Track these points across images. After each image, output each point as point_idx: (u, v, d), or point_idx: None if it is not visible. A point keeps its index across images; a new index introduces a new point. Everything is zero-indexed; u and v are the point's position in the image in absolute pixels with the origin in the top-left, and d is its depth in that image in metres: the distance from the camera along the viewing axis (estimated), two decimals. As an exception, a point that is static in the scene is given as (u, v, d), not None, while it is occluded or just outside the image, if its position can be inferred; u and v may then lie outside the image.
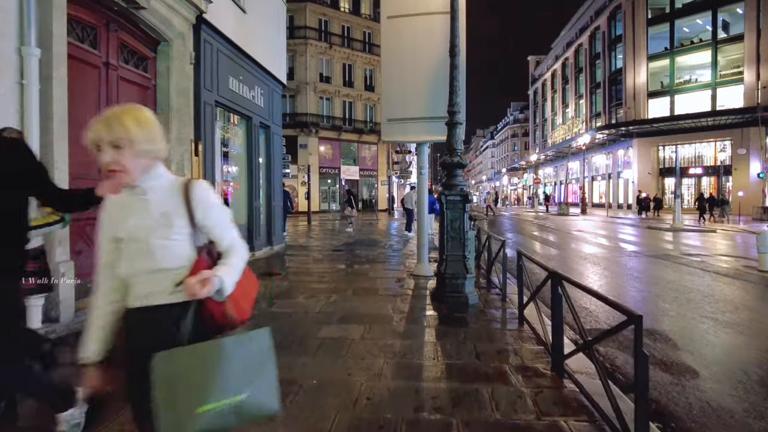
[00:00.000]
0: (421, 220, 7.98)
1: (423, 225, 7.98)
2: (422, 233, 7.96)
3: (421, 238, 7.95)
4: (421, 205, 7.98)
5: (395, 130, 7.77)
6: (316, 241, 13.99)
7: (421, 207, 7.97)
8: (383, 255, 10.56)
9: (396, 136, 7.88)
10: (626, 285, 7.73)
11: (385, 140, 7.93)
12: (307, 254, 10.50)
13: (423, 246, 7.93)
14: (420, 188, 8.01)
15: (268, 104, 10.73)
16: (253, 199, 9.80)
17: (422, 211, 7.97)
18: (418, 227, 8.06)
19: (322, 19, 38.84)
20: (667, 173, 39.44)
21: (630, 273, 8.85)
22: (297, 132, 36.86)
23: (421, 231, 7.98)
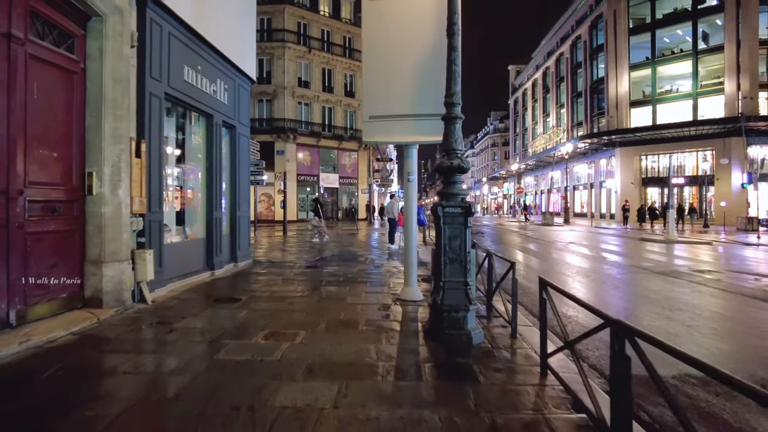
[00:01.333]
0: (408, 236, 6.78)
1: (411, 242, 6.78)
2: (410, 250, 6.76)
3: (409, 256, 6.75)
4: (408, 218, 6.79)
5: (377, 130, 6.60)
6: (289, 254, 12.66)
7: (409, 220, 6.78)
8: (364, 272, 9.33)
9: (378, 136, 6.70)
10: (680, 319, 6.66)
11: (367, 141, 6.74)
12: (277, 272, 9.19)
13: (411, 265, 6.74)
14: (408, 197, 6.82)
15: (233, 101, 9.45)
16: (213, 208, 8.47)
17: (410, 226, 6.78)
18: (406, 244, 6.86)
19: (300, 23, 37.67)
20: (650, 183, 39.26)
21: (658, 299, 7.80)
22: (274, 138, 35.47)
23: (408, 248, 6.78)
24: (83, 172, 5.51)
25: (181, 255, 7.62)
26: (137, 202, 5.99)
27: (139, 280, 6.04)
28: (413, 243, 6.81)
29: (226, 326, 5.13)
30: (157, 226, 6.55)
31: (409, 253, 6.75)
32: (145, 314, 5.61)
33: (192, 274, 7.85)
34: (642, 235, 22.15)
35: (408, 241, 6.78)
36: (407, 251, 6.78)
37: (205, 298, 6.62)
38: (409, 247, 6.77)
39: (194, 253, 8.07)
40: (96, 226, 5.56)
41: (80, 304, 5.48)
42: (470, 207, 4.76)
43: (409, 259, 6.74)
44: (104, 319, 5.25)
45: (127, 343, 4.52)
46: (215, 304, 6.28)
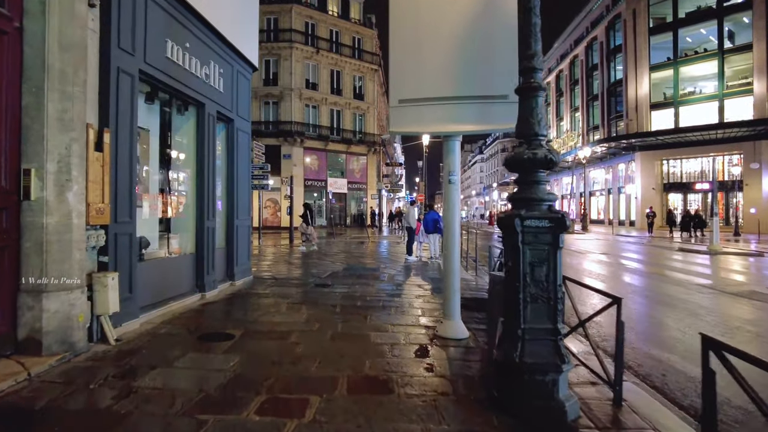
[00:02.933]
0: (450, 254, 5.25)
1: (452, 262, 5.25)
2: (451, 272, 5.23)
3: (451, 280, 5.23)
4: (449, 230, 5.27)
5: (408, 118, 5.14)
6: (295, 268, 11.16)
7: (450, 234, 5.26)
8: (384, 293, 7.81)
9: (409, 125, 5.22)
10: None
11: (395, 131, 5.24)
12: (281, 293, 7.69)
13: (453, 293, 5.21)
14: (448, 203, 5.30)
15: (231, 90, 8.00)
16: (204, 217, 6.99)
17: (452, 240, 5.25)
18: (447, 264, 5.32)
19: (308, 23, 36.40)
20: (672, 188, 37.51)
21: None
22: (280, 141, 34.11)
23: (449, 269, 5.25)
24: (18, 169, 4.05)
25: (163, 275, 6.13)
26: (95, 211, 4.51)
27: (99, 313, 4.56)
28: (455, 263, 5.27)
29: (209, 385, 3.62)
30: (126, 241, 5.07)
31: (451, 275, 5.23)
32: (102, 362, 4.12)
33: (177, 298, 6.37)
34: (675, 244, 20.47)
35: (449, 261, 5.26)
36: (448, 273, 5.26)
37: (188, 334, 5.13)
38: (450, 269, 5.24)
39: (180, 272, 6.58)
40: (35, 242, 4.09)
41: (10, 350, 3.99)
42: (563, 218, 3.23)
43: (450, 284, 5.22)
44: (38, 374, 3.76)
45: (55, 421, 3.02)
46: (199, 343, 4.79)
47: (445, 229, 5.29)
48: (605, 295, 3.71)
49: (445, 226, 5.29)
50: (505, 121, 5.01)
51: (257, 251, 15.74)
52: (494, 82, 4.98)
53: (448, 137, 5.27)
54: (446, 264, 5.29)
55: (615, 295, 3.57)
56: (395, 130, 5.23)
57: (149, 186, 6.52)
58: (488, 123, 5.07)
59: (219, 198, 7.87)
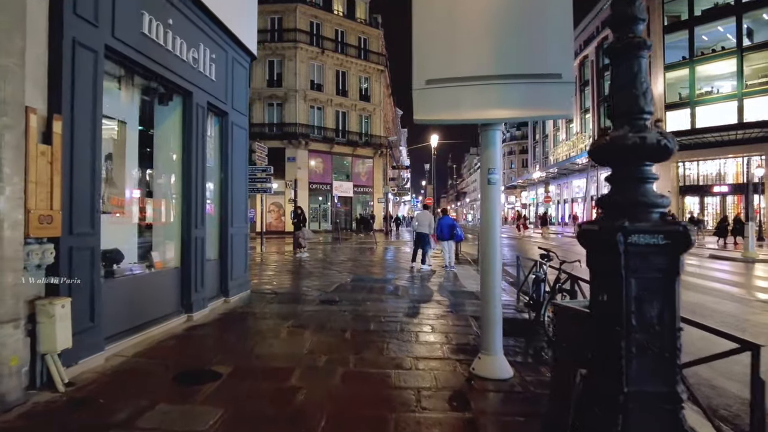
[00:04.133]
0: (490, 271, 4.19)
1: (493, 287, 4.19)
2: (492, 298, 4.17)
3: (491, 307, 4.17)
4: (489, 241, 4.22)
5: (439, 102, 4.13)
6: (298, 279, 10.14)
7: (490, 246, 4.21)
8: (402, 313, 6.76)
9: (438, 112, 4.19)
10: None
11: (422, 120, 4.21)
12: (281, 312, 6.66)
13: (494, 324, 4.15)
14: (487, 205, 4.26)
15: (225, 79, 7.01)
16: (192, 224, 5.98)
17: (491, 255, 4.20)
18: (487, 286, 4.26)
19: (313, 22, 35.54)
20: (688, 191, 36.26)
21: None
22: (284, 144, 33.20)
23: (489, 295, 4.19)
24: (-72, 165, 3.06)
25: (140, 295, 5.12)
26: (38, 219, 3.50)
27: (45, 351, 3.55)
28: (495, 287, 4.20)
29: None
30: (86, 257, 4.06)
31: (491, 302, 4.17)
32: (36, 423, 3.10)
33: (158, 321, 5.36)
34: (703, 251, 19.30)
35: (489, 285, 4.20)
36: (487, 299, 4.20)
37: (163, 372, 4.10)
38: (490, 294, 4.19)
39: (162, 290, 5.57)
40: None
41: None
42: (686, 233, 2.18)
43: (489, 313, 4.17)
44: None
45: None
46: (176, 387, 3.76)
47: (484, 242, 4.24)
48: (728, 337, 2.64)
49: (483, 239, 4.24)
50: (558, 105, 4.00)
51: (259, 258, 14.75)
52: (546, 58, 3.97)
53: (487, 126, 4.24)
54: (485, 287, 4.24)
55: (747, 340, 2.51)
56: (422, 118, 4.20)
57: (125, 189, 5.53)
58: (538, 108, 4.05)
59: (211, 203, 6.88)
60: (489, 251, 4.20)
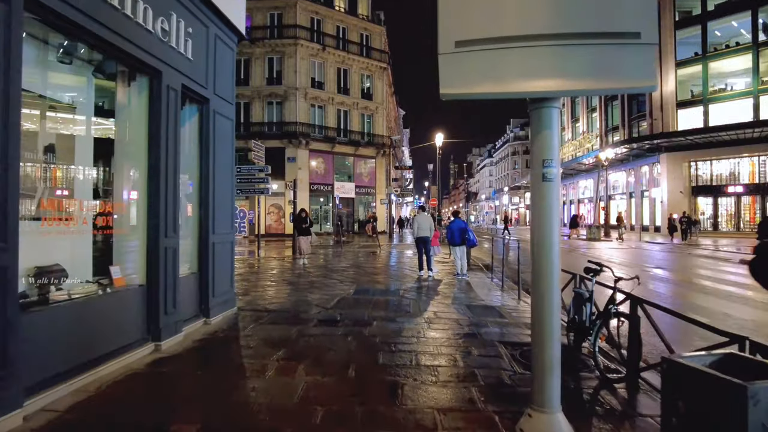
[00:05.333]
0: (544, 298, 3.08)
1: (550, 317, 3.08)
2: (549, 337, 3.07)
3: (546, 349, 3.07)
4: (544, 256, 3.10)
5: (473, 70, 3.05)
6: (295, 291, 9.04)
7: (546, 262, 3.10)
8: (414, 338, 5.65)
9: (472, 83, 3.09)
10: None
11: (448, 94, 3.11)
12: (272, 338, 5.56)
13: (550, 371, 3.03)
14: (541, 210, 3.15)
15: (205, 59, 5.92)
16: (160, 232, 4.88)
17: (546, 275, 3.08)
18: (540, 315, 3.13)
19: (314, 18, 34.47)
20: (700, 192, 35.04)
21: None
22: (284, 143, 32.13)
23: (545, 332, 3.08)
24: None
25: (85, 324, 4.02)
26: None
27: None
28: (552, 321, 3.09)
29: None
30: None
31: (547, 339, 3.06)
32: None
33: (113, 355, 4.26)
34: (727, 255, 18.16)
35: (544, 315, 3.08)
36: (543, 335, 3.09)
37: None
38: (546, 330, 3.07)
39: (119, 315, 4.47)
40: None
41: None
42: None
43: (546, 353, 3.05)
44: None
45: None
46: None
47: (538, 256, 3.13)
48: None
49: (537, 253, 3.13)
50: (636, 74, 2.92)
51: (255, 264, 13.67)
52: (621, 11, 2.90)
53: (539, 103, 3.14)
54: (539, 320, 3.12)
55: None
56: (450, 91, 3.10)
57: (75, 189, 4.44)
58: (609, 77, 2.95)
59: (191, 204, 5.79)
60: (545, 269, 3.09)
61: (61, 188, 4.30)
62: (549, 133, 3.12)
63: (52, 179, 4.21)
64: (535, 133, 3.16)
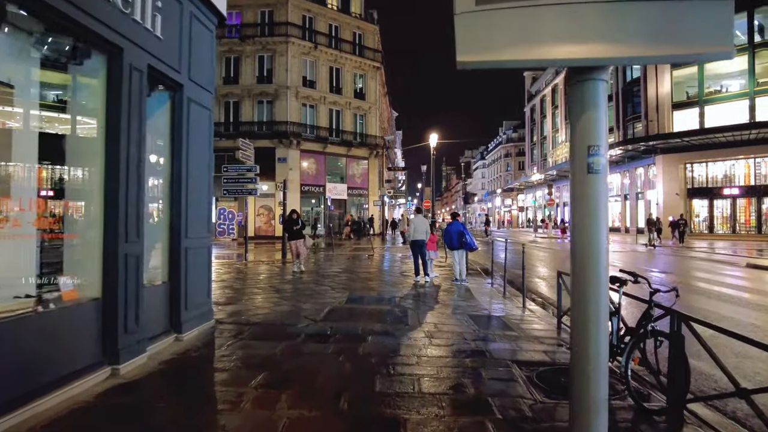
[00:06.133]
0: (590, 318, 2.42)
1: (597, 343, 2.42)
2: (595, 368, 2.41)
3: (592, 380, 2.41)
4: (591, 263, 2.44)
5: (499, 31, 2.38)
6: (282, 301, 8.32)
7: (593, 271, 2.44)
8: (414, 355, 4.99)
9: (497, 48, 2.42)
10: None
11: (466, 61, 2.45)
12: (249, 358, 4.85)
13: (597, 413, 2.37)
14: (587, 207, 2.49)
15: (178, 40, 5.22)
16: (120, 236, 4.17)
17: (595, 290, 2.43)
18: (580, 348, 2.46)
19: (306, 16, 33.73)
20: (696, 194, 34.75)
21: None
22: (275, 143, 31.35)
23: (590, 363, 2.42)
24: None
25: (20, 350, 3.30)
26: None
27: None
28: (600, 350, 2.43)
29: None
30: None
31: (592, 374, 2.39)
32: None
33: (59, 384, 3.55)
34: (730, 258, 17.68)
35: (588, 344, 2.41)
36: (586, 369, 2.41)
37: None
38: (590, 364, 2.40)
39: (68, 336, 3.75)
40: None
41: None
42: None
43: (590, 392, 2.39)
44: None
45: None
46: None
47: (580, 267, 2.46)
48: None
49: (580, 266, 2.46)
50: (710, 38, 2.29)
51: (242, 269, 12.92)
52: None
53: (582, 75, 2.49)
54: (581, 348, 2.46)
55: None
56: (469, 59, 2.44)
57: (11, 186, 3.71)
58: (675, 41, 2.30)
59: (160, 202, 5.08)
60: (590, 285, 2.42)
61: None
62: (595, 114, 2.47)
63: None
64: (577, 113, 2.50)
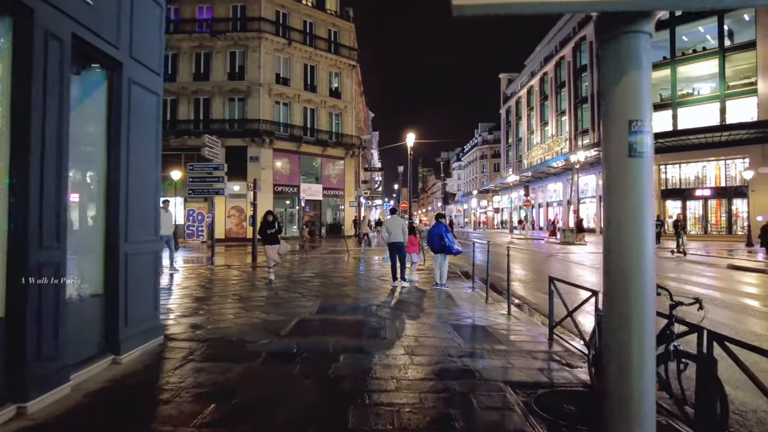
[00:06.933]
0: (635, 341, 1.79)
1: (642, 373, 1.80)
2: (640, 409, 1.78)
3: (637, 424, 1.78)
4: (633, 268, 1.81)
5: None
6: (245, 311, 7.53)
7: (636, 281, 1.81)
8: (394, 378, 4.31)
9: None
10: None
11: (463, 5, 1.81)
12: (200, 385, 4.10)
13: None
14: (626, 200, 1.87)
15: (116, 10, 4.41)
16: (30, 241, 3.37)
17: (639, 304, 1.80)
18: (622, 377, 1.83)
19: (280, 12, 32.77)
20: (670, 195, 35.14)
21: None
22: (247, 142, 30.30)
23: (634, 397, 1.80)
24: None
25: None
26: None
27: None
28: (646, 376, 1.81)
29: None
30: None
31: (639, 414, 1.77)
32: None
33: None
34: (710, 259, 17.58)
35: (631, 374, 1.79)
36: (630, 408, 1.79)
37: None
38: (635, 402, 1.78)
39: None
40: None
41: None
42: None
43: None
44: None
45: None
46: None
47: (620, 277, 1.83)
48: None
49: (617, 273, 1.83)
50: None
51: (206, 274, 12.02)
52: None
53: (620, 27, 1.86)
54: (623, 378, 1.81)
55: None
56: (468, 2, 1.78)
57: None
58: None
59: (73, 202, 4.27)
60: (632, 307, 1.79)
61: None
62: (638, 78, 1.83)
63: None
64: (611, 78, 1.86)
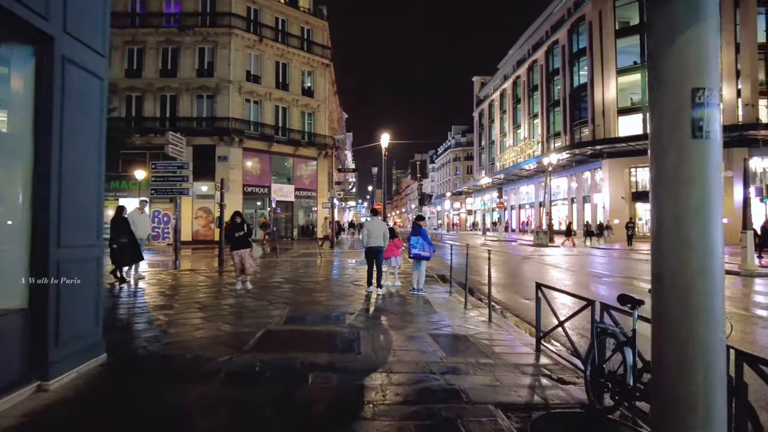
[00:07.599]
0: (703, 386, 1.34)
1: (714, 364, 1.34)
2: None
3: None
4: (700, 276, 1.36)
5: None
6: (206, 321, 6.87)
7: (706, 292, 1.35)
8: (370, 401, 3.79)
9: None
10: None
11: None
12: (143, 415, 3.49)
13: None
14: (689, 190, 1.40)
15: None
16: None
17: (706, 331, 1.35)
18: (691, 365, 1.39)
19: (251, 7, 31.90)
20: (641, 197, 35.73)
21: None
22: (215, 141, 29.28)
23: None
24: None
25: None
26: None
27: None
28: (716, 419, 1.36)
29: None
30: None
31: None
32: None
33: None
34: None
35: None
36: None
37: None
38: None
39: None
40: None
41: None
42: None
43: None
44: None
45: None
46: None
47: (675, 298, 1.37)
48: None
49: (672, 295, 1.37)
50: None
51: (168, 280, 11.23)
52: None
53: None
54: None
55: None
56: None
57: None
58: None
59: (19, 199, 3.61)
60: (701, 312, 1.34)
61: None
62: (704, 36, 1.39)
63: None
64: (666, 36, 1.40)
